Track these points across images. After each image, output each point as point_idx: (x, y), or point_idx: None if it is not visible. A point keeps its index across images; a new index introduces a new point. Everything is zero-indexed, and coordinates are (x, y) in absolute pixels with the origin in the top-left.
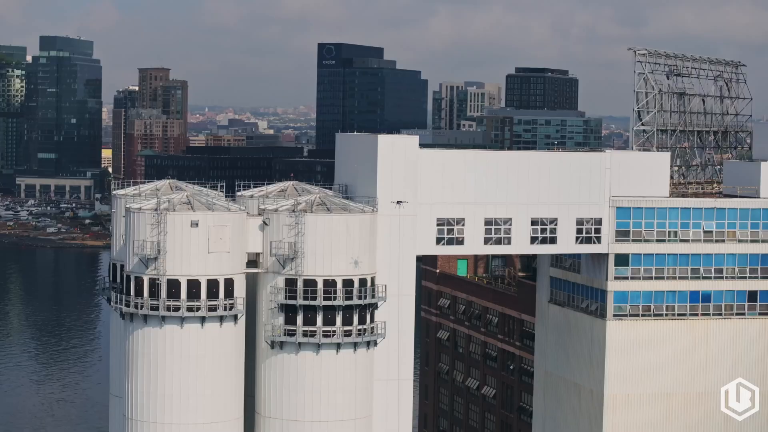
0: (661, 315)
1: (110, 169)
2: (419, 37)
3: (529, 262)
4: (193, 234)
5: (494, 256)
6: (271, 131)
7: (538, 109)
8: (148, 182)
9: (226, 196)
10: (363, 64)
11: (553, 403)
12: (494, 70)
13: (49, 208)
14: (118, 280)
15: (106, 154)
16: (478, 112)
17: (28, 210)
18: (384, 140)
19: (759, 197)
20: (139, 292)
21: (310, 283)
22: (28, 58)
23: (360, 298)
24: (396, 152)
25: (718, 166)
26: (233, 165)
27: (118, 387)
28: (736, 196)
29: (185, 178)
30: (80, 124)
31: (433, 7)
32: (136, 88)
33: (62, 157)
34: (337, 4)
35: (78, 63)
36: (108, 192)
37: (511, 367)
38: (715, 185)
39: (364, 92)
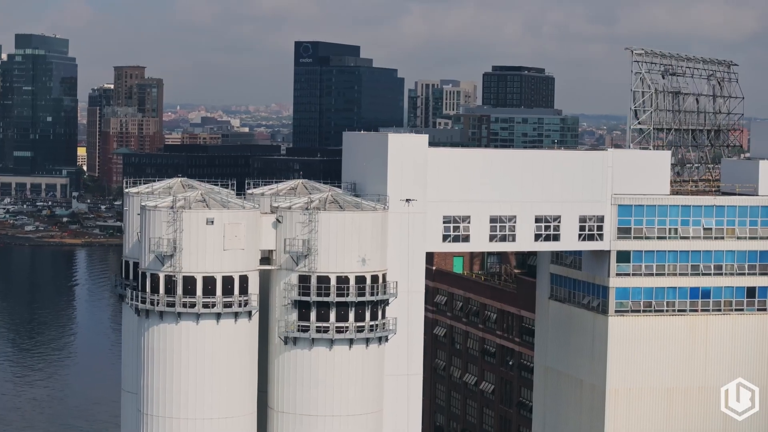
0: (662, 311)
1: (85, 168)
2: (393, 35)
3: (524, 259)
4: (208, 231)
5: (490, 254)
6: (246, 129)
7: (514, 107)
8: (159, 180)
9: (237, 194)
10: (340, 63)
11: (553, 397)
12: (469, 68)
13: (25, 206)
14: (131, 277)
15: (81, 152)
16: (453, 110)
17: (4, 208)
18: (395, 139)
19: (757, 195)
20: (155, 289)
21: (323, 280)
22: (3, 56)
23: (372, 294)
24: (406, 151)
25: (710, 165)
26: (211, 163)
27: (130, 383)
28: (734, 194)
29: (164, 176)
30: (56, 122)
31: (406, 6)
32: (111, 86)
33: (38, 155)
34: (311, 2)
35: (53, 61)
36: (84, 190)
37: (510, 363)
38: (711, 183)
39: (340, 90)
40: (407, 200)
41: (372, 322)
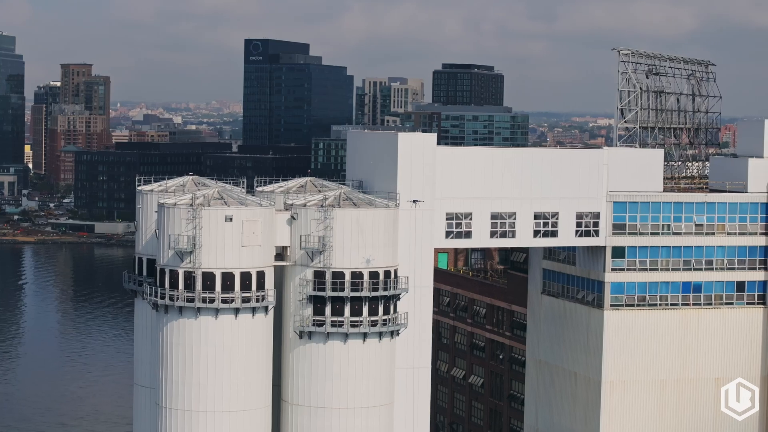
0: (656, 305)
1: (30, 165)
2: (334, 33)
3: (507, 255)
4: (227, 228)
5: (474, 250)
6: (193, 127)
7: (465, 104)
8: (170, 178)
9: (248, 192)
10: (290, 60)
11: (546, 390)
12: (412, 65)
13: None
14: (144, 273)
15: (26, 149)
16: (401, 107)
17: None
18: (404, 138)
19: (746, 192)
20: (174, 285)
21: (338, 275)
22: None
23: (385, 289)
24: (415, 150)
25: (690, 162)
26: (163, 161)
27: (143, 377)
28: (724, 191)
29: (116, 174)
30: (3, 120)
31: (346, 3)
32: (58, 84)
33: None
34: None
35: (0, 59)
36: (31, 188)
37: (501, 357)
38: (693, 180)
39: (290, 88)
40: (414, 201)
41: (385, 317)
